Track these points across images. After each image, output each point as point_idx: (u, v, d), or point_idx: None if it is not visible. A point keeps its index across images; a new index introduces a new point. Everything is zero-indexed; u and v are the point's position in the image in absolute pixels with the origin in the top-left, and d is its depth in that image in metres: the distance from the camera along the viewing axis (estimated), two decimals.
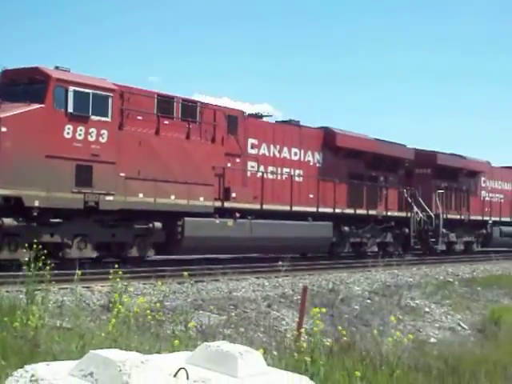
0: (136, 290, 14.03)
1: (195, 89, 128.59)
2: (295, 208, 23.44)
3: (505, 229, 37.35)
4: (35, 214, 16.15)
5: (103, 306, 12.73)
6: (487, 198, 36.32)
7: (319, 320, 8.55)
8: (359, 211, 26.65)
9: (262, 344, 10.46)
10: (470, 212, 34.33)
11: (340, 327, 10.85)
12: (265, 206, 22.13)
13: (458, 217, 33.34)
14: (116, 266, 12.30)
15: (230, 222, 20.85)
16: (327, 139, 25.65)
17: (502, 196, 38.08)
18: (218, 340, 3.73)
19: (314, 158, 25.15)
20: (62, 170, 16.54)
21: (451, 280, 21.81)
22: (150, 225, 18.81)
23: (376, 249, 28.35)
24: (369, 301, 16.82)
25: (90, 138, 17.19)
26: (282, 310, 14.35)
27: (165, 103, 19.66)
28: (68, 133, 16.77)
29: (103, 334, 8.56)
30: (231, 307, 13.82)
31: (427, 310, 17.44)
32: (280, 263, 18.27)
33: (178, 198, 19.27)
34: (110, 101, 17.71)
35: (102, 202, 17.37)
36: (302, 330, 9.44)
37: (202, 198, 19.99)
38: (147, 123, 18.84)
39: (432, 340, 15.01)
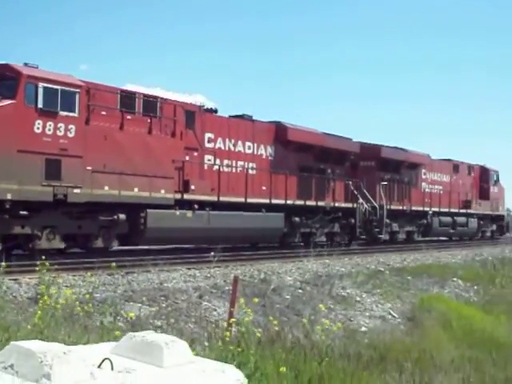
0: (65, 281, 13.98)
1: (128, 79, 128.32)
2: (250, 200, 24.37)
3: (444, 219, 38.98)
4: (7, 206, 16.73)
5: (31, 299, 12.57)
6: (427, 190, 37.87)
7: (250, 310, 9.01)
8: (309, 203, 27.70)
9: (192, 335, 10.66)
10: (411, 203, 35.75)
11: (271, 317, 10.98)
12: (221, 198, 23.00)
13: (401, 207, 34.74)
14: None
15: (189, 213, 21.65)
16: (279, 133, 26.60)
17: (441, 187, 39.65)
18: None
19: (266, 151, 26.10)
20: (32, 164, 17.08)
21: (382, 269, 21.97)
22: (115, 216, 19.47)
23: (324, 239, 29.43)
24: (300, 291, 16.73)
25: (58, 133, 17.76)
26: (213, 301, 14.24)
27: (127, 99, 20.32)
28: (38, 128, 17.32)
29: (29, 327, 8.64)
30: (162, 298, 13.74)
31: (358, 299, 17.46)
32: (212, 254, 18.19)
33: (141, 190, 19.97)
34: (77, 97, 18.31)
35: (70, 194, 17.96)
36: (233, 321, 9.48)
37: (163, 191, 20.73)
38: (112, 118, 19.47)
39: (363, 329, 15.12)
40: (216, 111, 24.45)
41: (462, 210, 41.40)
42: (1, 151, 16.38)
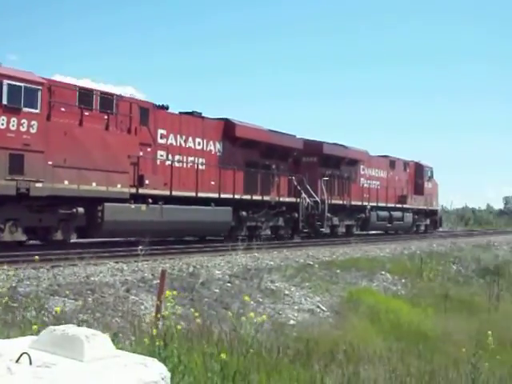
0: None
1: (57, 69, 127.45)
2: (200, 194, 25.26)
3: (381, 213, 40.45)
4: None
5: None
6: (366, 185, 39.24)
7: (177, 304, 9.05)
8: (255, 197, 28.70)
9: (119, 329, 10.49)
10: (351, 198, 37.06)
11: (197, 311, 11.02)
12: (174, 193, 23.83)
13: (341, 202, 35.99)
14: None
15: (143, 207, 22.45)
16: (227, 130, 27.55)
17: (378, 183, 41.07)
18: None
19: (215, 147, 27.02)
20: None
21: (311, 263, 21.95)
22: (74, 210, 20.20)
23: (269, 232, 30.51)
24: (229, 284, 16.65)
25: (21, 129, 18.41)
26: (140, 295, 14.05)
27: (85, 96, 20.97)
28: (2, 124, 17.94)
29: None
30: (88, 292, 13.48)
31: (287, 292, 17.36)
32: (140, 247, 17.87)
33: (99, 184, 20.71)
34: (39, 94, 18.97)
35: (32, 188, 18.61)
36: (160, 314, 9.54)
37: (119, 185, 21.50)
38: (71, 115, 20.16)
39: (291, 322, 15.12)
40: (167, 108, 25.24)
41: (398, 205, 42.97)
42: None
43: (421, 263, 24.97)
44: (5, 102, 18.00)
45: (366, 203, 38.62)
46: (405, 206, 43.96)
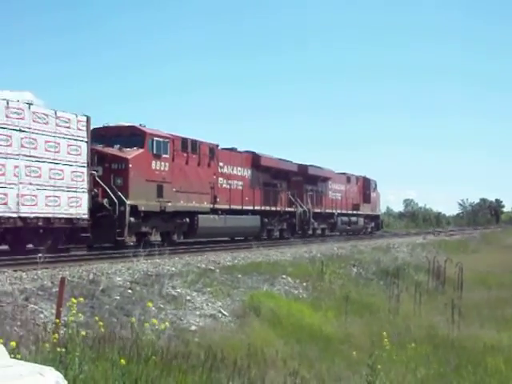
0: None
1: None
2: (244, 207, 35.91)
3: (343, 218, 51.81)
4: (142, 214, 27.41)
5: None
6: (333, 197, 50.47)
7: (78, 311, 9.12)
8: (271, 208, 39.49)
9: (18, 338, 10.31)
10: (325, 207, 48.24)
11: (97, 318, 11.00)
12: (232, 206, 34.40)
13: (319, 210, 47.04)
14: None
15: (216, 217, 32.89)
16: (254, 160, 38.23)
17: (340, 195, 52.27)
18: None
19: (247, 173, 37.60)
20: (151, 188, 27.87)
21: (212, 268, 21.93)
22: (184, 220, 30.49)
23: (278, 233, 41.30)
24: (130, 291, 16.41)
25: (161, 168, 28.59)
26: (40, 303, 13.73)
27: (184, 143, 31.03)
28: (153, 166, 28.11)
29: None
30: None
31: (189, 298, 17.28)
32: (39, 255, 18.16)
33: (196, 202, 31.07)
34: (168, 145, 29.19)
35: (167, 206, 28.85)
36: (61, 322, 9.58)
37: (205, 203, 31.91)
38: (181, 157, 30.41)
39: (193, 328, 15.16)
40: (217, 146, 35.70)
41: (354, 212, 54.40)
42: (136, 180, 27.05)
43: (322, 266, 24.96)
44: (154, 151, 28.15)
45: (334, 211, 49.85)
46: (358, 212, 55.47)
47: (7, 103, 21.08)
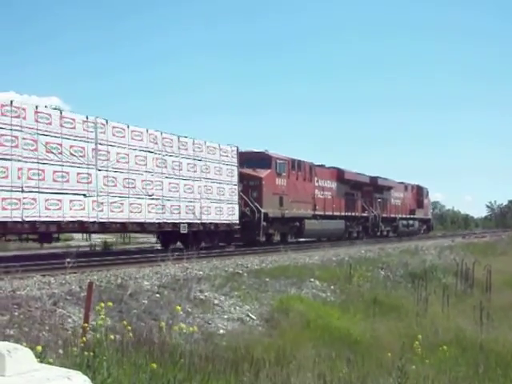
0: None
1: None
2: (334, 213, 44.33)
3: (404, 222, 59.92)
4: (270, 219, 35.77)
5: None
6: (394, 203, 58.42)
7: (106, 315, 9.37)
8: (351, 214, 47.85)
9: (47, 343, 10.42)
10: (389, 212, 56.28)
11: (126, 322, 10.75)
12: (326, 213, 42.84)
13: (385, 215, 55.11)
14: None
15: (316, 221, 41.30)
16: (338, 175, 46.65)
17: (399, 201, 60.20)
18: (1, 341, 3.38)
19: (333, 185, 45.90)
20: (275, 199, 36.18)
21: (240, 272, 21.91)
22: (295, 223, 38.91)
23: (356, 235, 49.58)
24: (158, 295, 16.49)
25: (281, 183, 36.96)
26: (68, 308, 13.86)
27: (293, 164, 39.35)
28: (277, 182, 36.49)
29: None
30: (15, 307, 13.19)
31: (216, 302, 17.31)
32: (67, 260, 17.96)
33: (303, 210, 39.48)
34: (285, 165, 37.60)
35: (285, 214, 37.16)
36: (89, 327, 9.74)
37: (309, 210, 40.32)
38: (292, 175, 38.80)
39: (221, 331, 15.18)
40: (314, 164, 44.03)
41: (410, 216, 62.55)
42: (267, 193, 35.35)
43: (350, 269, 24.92)
44: (277, 171, 36.56)
45: (396, 215, 58.02)
46: (414, 216, 63.59)
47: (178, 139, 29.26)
